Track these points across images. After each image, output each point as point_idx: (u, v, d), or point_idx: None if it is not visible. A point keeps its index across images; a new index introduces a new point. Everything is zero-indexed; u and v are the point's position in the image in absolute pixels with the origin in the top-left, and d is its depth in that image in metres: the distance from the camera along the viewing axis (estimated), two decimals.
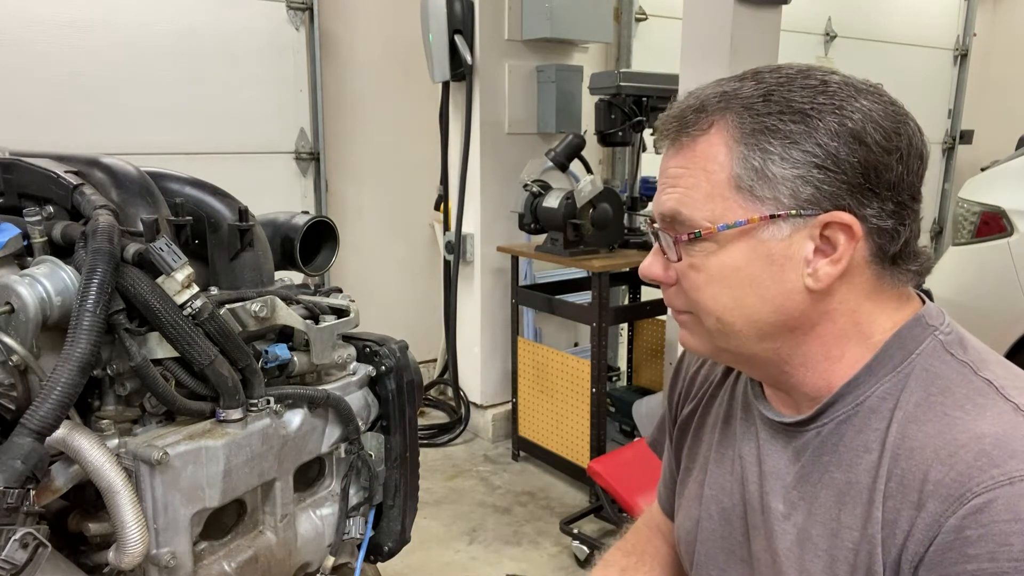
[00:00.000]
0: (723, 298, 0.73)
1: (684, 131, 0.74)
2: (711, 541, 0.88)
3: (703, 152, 0.73)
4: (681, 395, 1.01)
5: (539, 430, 3.09)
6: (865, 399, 0.73)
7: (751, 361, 0.78)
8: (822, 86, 0.71)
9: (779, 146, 0.69)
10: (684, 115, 0.75)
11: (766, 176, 0.70)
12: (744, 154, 0.70)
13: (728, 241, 0.72)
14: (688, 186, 0.73)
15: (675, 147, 0.76)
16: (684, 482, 0.97)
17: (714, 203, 0.72)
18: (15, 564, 0.86)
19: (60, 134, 2.77)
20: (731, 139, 0.71)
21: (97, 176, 1.22)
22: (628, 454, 2.55)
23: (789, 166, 0.69)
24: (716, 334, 0.76)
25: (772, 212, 0.70)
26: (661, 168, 0.79)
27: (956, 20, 5.89)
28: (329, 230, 1.48)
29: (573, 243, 2.79)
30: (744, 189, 0.71)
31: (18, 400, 0.98)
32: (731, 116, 0.72)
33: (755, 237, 0.71)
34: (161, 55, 2.96)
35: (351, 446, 1.35)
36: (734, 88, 0.73)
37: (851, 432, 0.73)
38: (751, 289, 0.72)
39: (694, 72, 2.34)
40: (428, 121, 3.49)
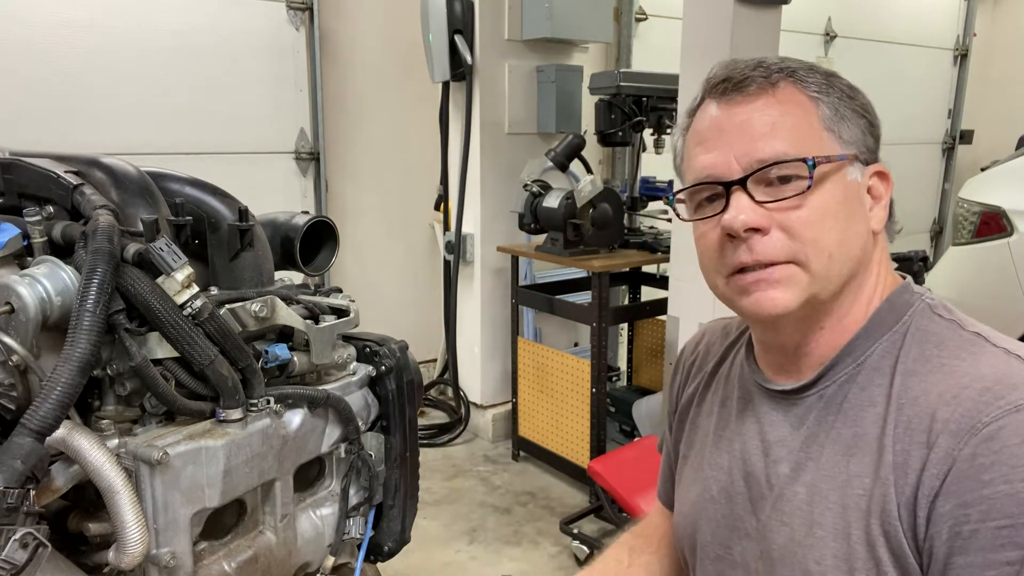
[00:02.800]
0: (837, 230, 0.76)
1: (760, 80, 0.78)
2: (714, 521, 0.88)
3: (786, 98, 0.77)
4: (679, 387, 1.03)
5: (539, 430, 3.09)
6: (865, 359, 0.78)
7: (813, 314, 0.79)
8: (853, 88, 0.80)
9: (842, 100, 0.77)
10: (746, 74, 0.78)
11: (845, 120, 0.77)
12: (825, 100, 0.77)
13: (827, 179, 0.76)
14: (789, 125, 0.76)
15: (748, 97, 0.78)
16: (681, 471, 0.99)
17: (813, 141, 0.76)
18: (15, 564, 0.85)
19: (60, 134, 2.77)
20: (807, 89, 0.77)
21: (97, 176, 1.22)
22: (628, 454, 2.55)
23: (855, 117, 0.78)
24: (819, 276, 0.76)
25: (853, 153, 0.77)
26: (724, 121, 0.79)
27: (956, 20, 5.89)
28: (329, 230, 1.48)
29: (573, 243, 2.79)
30: (832, 130, 0.77)
31: (18, 400, 0.98)
32: (793, 76, 0.78)
33: (844, 177, 0.77)
34: (161, 55, 2.96)
35: (351, 446, 1.35)
36: (794, 65, 0.79)
37: (855, 390, 0.77)
38: (848, 223, 0.77)
39: (694, 72, 2.34)
40: (428, 121, 3.49)
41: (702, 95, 0.83)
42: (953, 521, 0.66)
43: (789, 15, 2.38)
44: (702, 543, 0.90)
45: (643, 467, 2.43)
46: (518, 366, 3.14)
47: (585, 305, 2.90)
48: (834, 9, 5.00)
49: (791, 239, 0.75)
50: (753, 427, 0.85)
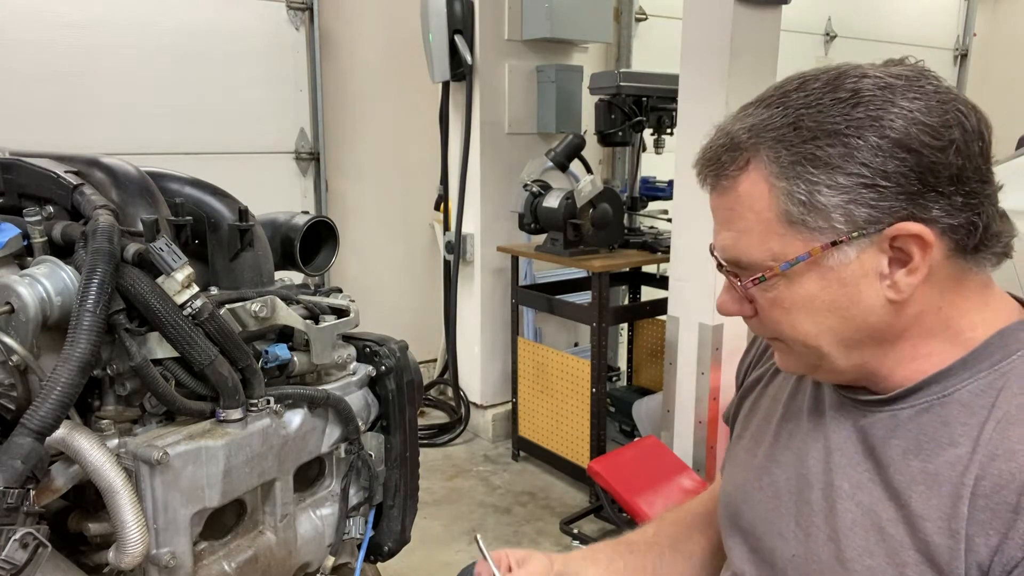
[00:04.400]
0: (805, 325, 0.72)
1: (722, 173, 0.72)
2: (755, 511, 0.86)
3: (746, 192, 0.71)
4: (751, 363, 1.01)
5: (539, 430, 3.09)
6: (954, 391, 0.70)
7: (844, 374, 0.76)
8: (854, 97, 0.66)
9: (822, 174, 0.66)
10: (718, 156, 0.73)
11: (815, 207, 0.67)
12: (788, 189, 0.68)
13: (796, 275, 0.70)
14: (740, 229, 0.72)
15: (716, 188, 0.74)
16: (734, 447, 0.96)
17: (771, 241, 0.70)
18: (15, 564, 0.85)
19: (60, 134, 2.77)
20: (771, 176, 0.69)
21: (97, 176, 1.22)
22: (628, 454, 2.55)
23: (837, 193, 0.66)
24: (806, 356, 0.75)
25: (832, 239, 0.67)
26: (710, 206, 0.77)
27: (956, 20, 5.89)
28: (329, 230, 1.48)
29: (573, 243, 2.79)
30: (797, 223, 0.68)
31: (18, 400, 0.98)
32: (765, 151, 0.69)
33: (822, 265, 0.69)
34: (161, 55, 2.96)
35: (351, 446, 1.35)
36: (762, 119, 0.70)
37: (934, 422, 0.71)
38: (831, 313, 0.70)
39: (694, 72, 2.34)
40: (428, 121, 3.49)
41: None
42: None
43: (789, 15, 2.38)
44: (740, 527, 0.89)
45: (643, 467, 2.43)
46: (518, 366, 3.14)
47: (585, 305, 2.90)
48: (834, 9, 5.00)
49: (769, 326, 0.76)
50: (819, 428, 0.81)
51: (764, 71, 2.32)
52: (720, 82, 2.23)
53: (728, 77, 2.21)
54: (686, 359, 2.51)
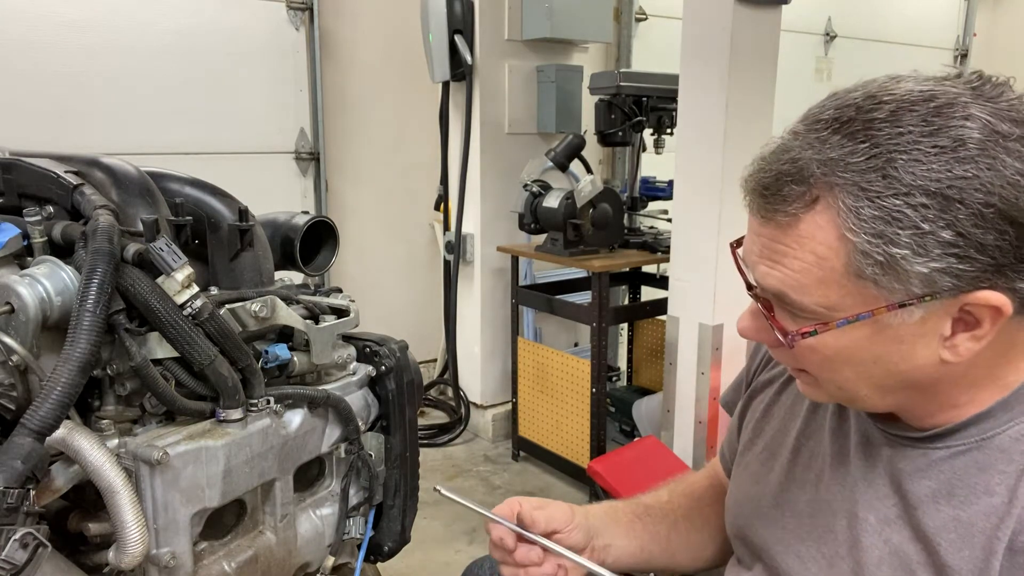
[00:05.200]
0: (845, 372, 0.66)
1: (780, 207, 0.62)
2: (769, 528, 0.83)
3: (809, 233, 0.61)
4: (762, 362, 0.97)
5: (539, 430, 3.09)
6: (993, 435, 0.66)
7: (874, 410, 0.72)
8: (960, 149, 0.56)
9: (910, 237, 0.57)
10: (779, 186, 0.62)
11: (894, 269, 0.59)
12: (865, 248, 0.58)
13: (847, 329, 0.63)
14: (795, 269, 0.62)
15: (768, 218, 0.64)
16: (744, 454, 0.93)
17: (828, 289, 0.62)
18: (15, 564, 0.85)
19: (60, 134, 2.77)
20: (844, 227, 0.59)
21: (97, 176, 1.22)
22: (628, 454, 2.55)
23: (923, 260, 0.58)
24: (838, 394, 0.71)
25: (902, 301, 0.60)
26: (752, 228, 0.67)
27: (956, 20, 5.89)
28: (329, 230, 1.48)
29: (573, 243, 2.79)
30: (866, 279, 0.60)
31: (18, 400, 0.98)
32: (843, 196, 0.59)
33: (880, 323, 0.62)
34: (161, 55, 2.96)
35: (351, 446, 1.35)
36: (842, 153, 0.59)
37: (971, 468, 0.66)
38: (876, 364, 0.65)
39: (694, 72, 2.34)
40: (428, 121, 3.49)
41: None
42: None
43: (789, 15, 2.38)
44: (750, 540, 0.87)
45: (643, 467, 2.43)
46: (518, 366, 3.13)
47: (585, 305, 2.90)
48: (834, 9, 5.00)
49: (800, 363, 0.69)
50: (843, 454, 0.77)
51: (764, 71, 2.32)
52: (720, 82, 2.23)
53: (728, 77, 2.21)
54: (686, 359, 2.51)
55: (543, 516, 0.88)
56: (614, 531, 0.94)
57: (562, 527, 0.89)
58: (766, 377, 0.94)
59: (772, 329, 0.68)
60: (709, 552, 1.02)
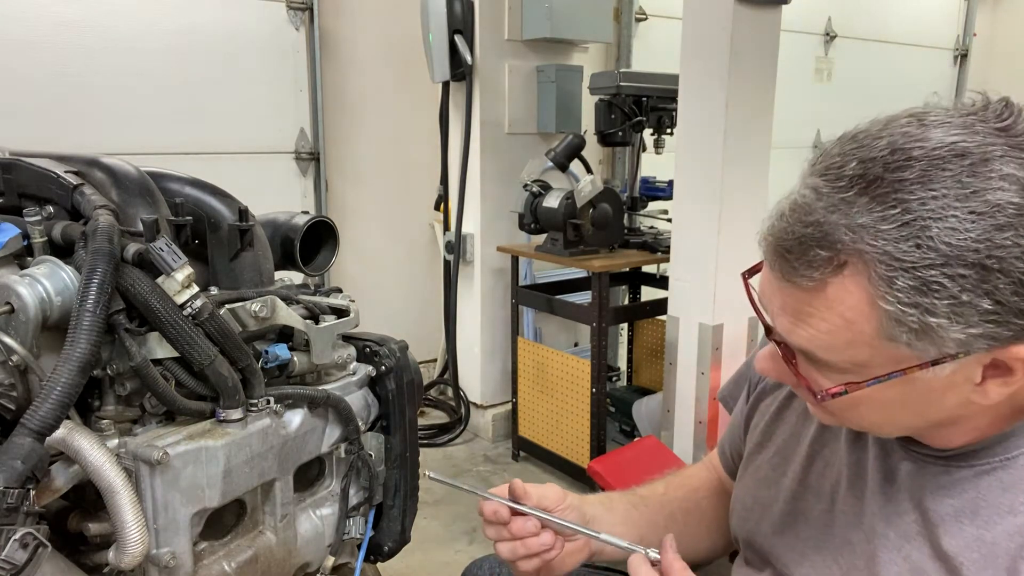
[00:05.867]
0: (872, 417, 0.66)
1: (805, 272, 0.59)
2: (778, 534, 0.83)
3: (838, 298, 0.58)
4: None
5: (539, 430, 3.09)
6: (1018, 455, 0.65)
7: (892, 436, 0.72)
8: (997, 213, 0.53)
9: (947, 307, 0.55)
10: (804, 249, 0.58)
11: (929, 336, 0.57)
12: (899, 317, 0.56)
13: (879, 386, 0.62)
14: (822, 330, 0.60)
15: (789, 281, 0.61)
16: (753, 457, 0.92)
17: (857, 350, 0.60)
18: (15, 564, 0.85)
19: (60, 134, 2.77)
20: (877, 295, 0.56)
21: (97, 176, 1.22)
22: (628, 454, 2.55)
23: (961, 327, 0.56)
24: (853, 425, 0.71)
25: (934, 359, 0.58)
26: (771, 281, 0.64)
27: (956, 20, 5.89)
28: (329, 230, 1.48)
29: (573, 243, 2.79)
30: (898, 342, 0.58)
31: (18, 400, 0.98)
32: (874, 265, 0.56)
33: (911, 378, 0.60)
34: (161, 55, 2.96)
35: (351, 446, 1.35)
36: (872, 219, 0.56)
37: (995, 487, 0.65)
38: (904, 409, 0.64)
39: (694, 72, 2.34)
40: (428, 121, 3.49)
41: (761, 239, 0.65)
42: None
43: (789, 15, 2.38)
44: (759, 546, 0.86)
45: (643, 467, 2.43)
46: (518, 366, 3.13)
47: (585, 305, 2.90)
48: (834, 9, 5.00)
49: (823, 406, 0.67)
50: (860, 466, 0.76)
51: (764, 71, 2.32)
52: (720, 82, 2.23)
53: (728, 77, 2.21)
54: (686, 359, 2.51)
55: (536, 491, 0.87)
56: (610, 519, 0.94)
57: (554, 506, 0.88)
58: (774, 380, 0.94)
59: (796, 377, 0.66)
60: (705, 545, 1.01)
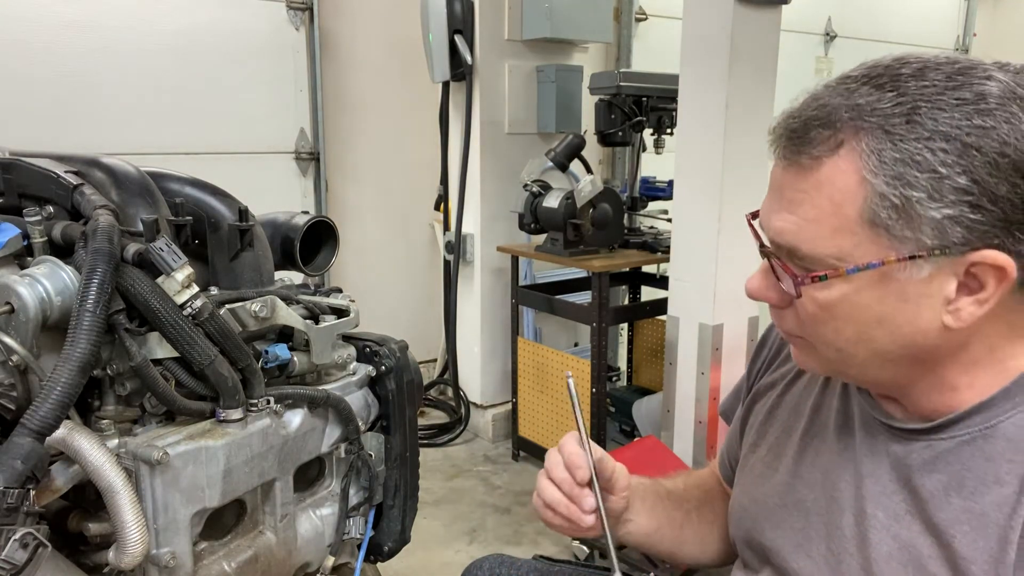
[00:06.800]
0: (846, 332, 0.67)
1: (806, 149, 0.64)
2: (779, 529, 0.83)
3: (829, 178, 0.62)
4: (764, 365, 0.97)
5: (539, 430, 3.09)
6: (998, 424, 0.66)
7: (868, 382, 0.73)
8: (979, 101, 0.59)
9: (927, 181, 0.59)
10: (807, 129, 0.64)
11: (908, 215, 0.60)
12: (883, 190, 0.60)
13: (856, 279, 0.64)
14: (810, 217, 0.64)
15: (792, 163, 0.65)
16: (748, 457, 0.93)
17: (841, 239, 0.63)
18: (15, 564, 0.85)
19: (60, 134, 2.77)
20: (866, 168, 0.61)
21: (97, 176, 1.22)
22: (628, 454, 2.55)
23: (938, 206, 0.59)
24: (835, 361, 0.70)
25: (912, 253, 0.61)
26: (774, 180, 0.69)
27: (956, 20, 5.89)
28: (329, 230, 1.48)
29: (573, 243, 2.79)
30: (879, 227, 0.61)
31: (18, 400, 0.98)
32: (866, 138, 0.61)
33: (889, 276, 0.63)
34: (161, 55, 2.96)
35: (351, 446, 1.35)
36: (869, 100, 0.62)
37: (978, 457, 0.67)
38: (879, 326, 0.65)
39: (694, 72, 2.34)
40: (428, 121, 3.49)
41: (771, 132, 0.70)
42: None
43: (789, 15, 2.38)
44: (761, 545, 0.86)
45: (643, 467, 2.42)
46: (518, 366, 3.14)
47: (585, 305, 2.90)
48: (834, 9, 5.00)
49: (801, 324, 0.70)
50: (848, 451, 0.77)
51: (764, 71, 2.32)
52: (720, 82, 2.23)
53: (728, 77, 2.21)
54: (686, 359, 2.51)
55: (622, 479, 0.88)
56: (639, 507, 0.95)
57: (618, 491, 0.90)
58: (768, 380, 0.94)
59: (780, 283, 0.69)
60: (714, 549, 1.02)
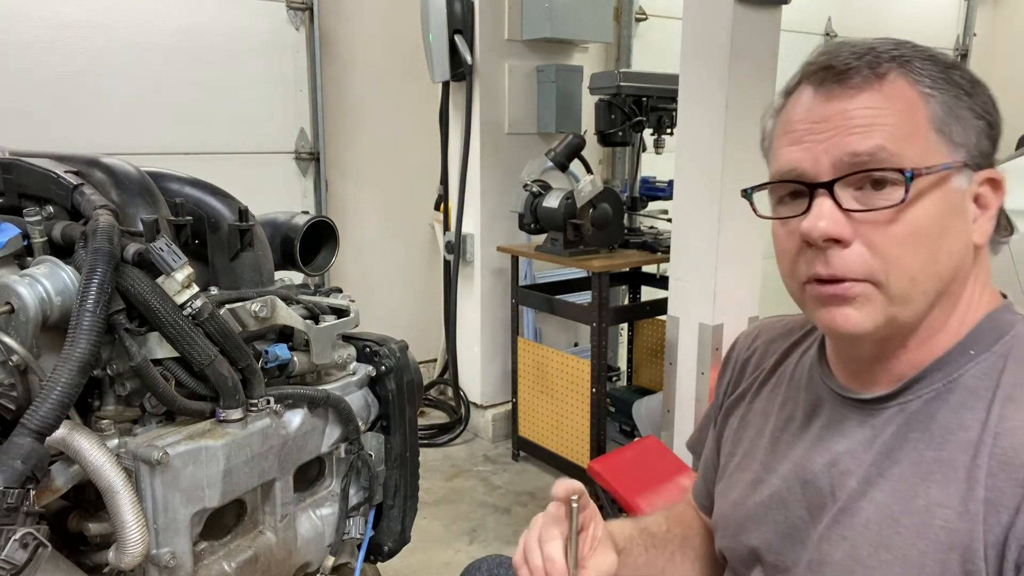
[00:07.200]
0: (923, 253, 0.69)
1: (859, 72, 0.69)
2: (763, 525, 0.84)
3: (892, 93, 0.69)
4: (730, 382, 0.99)
5: (539, 430, 3.09)
6: (959, 377, 0.72)
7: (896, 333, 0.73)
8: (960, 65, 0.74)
9: (959, 99, 0.70)
10: (857, 56, 0.70)
11: (961, 120, 0.70)
12: (940, 97, 0.69)
13: (930, 188, 0.69)
14: (891, 123, 0.68)
15: (849, 88, 0.70)
16: (726, 468, 0.94)
17: (917, 143, 0.69)
18: (15, 564, 0.86)
19: (60, 134, 2.77)
20: (921, 84, 0.69)
21: (97, 176, 1.22)
22: (628, 454, 2.55)
23: (971, 118, 0.70)
24: (898, 299, 0.70)
25: (965, 160, 0.70)
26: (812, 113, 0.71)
27: (956, 20, 5.89)
28: (329, 230, 1.48)
29: (573, 243, 2.79)
30: (944, 132, 0.69)
31: (18, 400, 0.98)
32: (913, 66, 0.70)
33: (948, 186, 0.70)
34: (161, 55, 2.96)
35: (351, 446, 1.35)
36: (901, 44, 0.72)
37: (944, 410, 0.71)
38: (943, 242, 0.70)
39: (694, 72, 2.34)
40: (428, 121, 3.49)
41: (799, 77, 0.74)
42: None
43: (789, 15, 2.37)
44: (749, 546, 0.87)
45: (643, 467, 2.43)
46: (518, 366, 3.14)
47: (585, 305, 2.90)
48: (834, 9, 5.00)
49: (873, 256, 0.69)
50: (819, 433, 0.80)
51: (764, 71, 2.32)
52: (720, 82, 2.23)
53: (728, 77, 2.21)
54: (686, 359, 2.51)
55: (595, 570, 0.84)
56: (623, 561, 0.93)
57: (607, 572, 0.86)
58: (737, 394, 0.97)
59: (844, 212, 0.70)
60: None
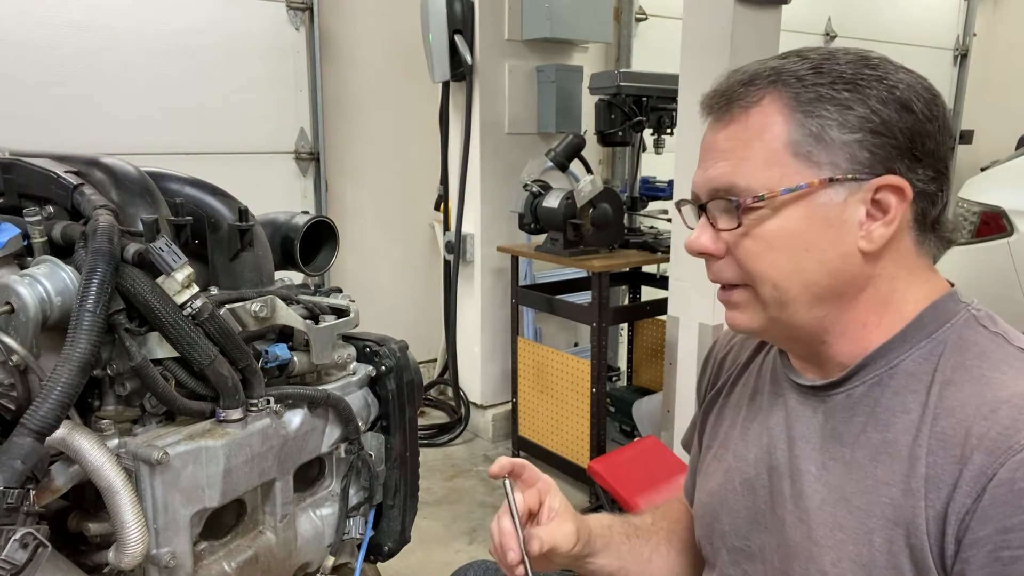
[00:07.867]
0: (781, 263, 0.75)
1: (735, 103, 0.76)
2: (734, 512, 0.88)
3: (757, 123, 0.74)
4: (709, 380, 1.03)
5: (539, 430, 3.09)
6: (899, 363, 0.75)
7: (797, 332, 0.79)
8: (864, 60, 0.74)
9: (836, 112, 0.72)
10: (733, 89, 0.76)
11: (824, 141, 0.72)
12: (802, 120, 0.73)
13: (785, 206, 0.73)
14: (743, 156, 0.75)
15: (724, 120, 0.77)
16: (704, 459, 0.98)
17: (771, 170, 0.73)
18: (15, 564, 0.86)
19: (60, 134, 2.77)
20: (786, 108, 0.73)
21: (97, 176, 1.22)
22: (628, 454, 2.55)
23: (847, 131, 0.72)
24: (771, 303, 0.77)
25: (830, 176, 0.72)
26: (706, 142, 0.80)
27: (956, 20, 5.89)
28: (329, 230, 1.48)
29: (573, 243, 2.79)
30: (802, 155, 0.73)
31: (18, 400, 0.98)
32: (783, 88, 0.74)
33: (812, 201, 0.73)
34: (161, 55, 2.96)
35: (351, 446, 1.35)
36: (780, 63, 0.76)
37: (887, 394, 0.75)
38: (808, 253, 0.74)
39: (694, 72, 2.34)
40: (428, 121, 3.49)
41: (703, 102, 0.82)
42: (992, 546, 0.64)
43: (789, 15, 2.38)
44: (721, 532, 0.90)
45: (643, 467, 2.43)
46: (518, 366, 3.14)
47: (585, 305, 2.90)
48: (834, 9, 5.00)
49: (740, 266, 0.77)
50: (781, 421, 0.85)
51: None
52: None
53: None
54: (686, 359, 2.51)
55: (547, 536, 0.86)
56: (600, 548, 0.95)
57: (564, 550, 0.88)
58: (716, 390, 1.00)
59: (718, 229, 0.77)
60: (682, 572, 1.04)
